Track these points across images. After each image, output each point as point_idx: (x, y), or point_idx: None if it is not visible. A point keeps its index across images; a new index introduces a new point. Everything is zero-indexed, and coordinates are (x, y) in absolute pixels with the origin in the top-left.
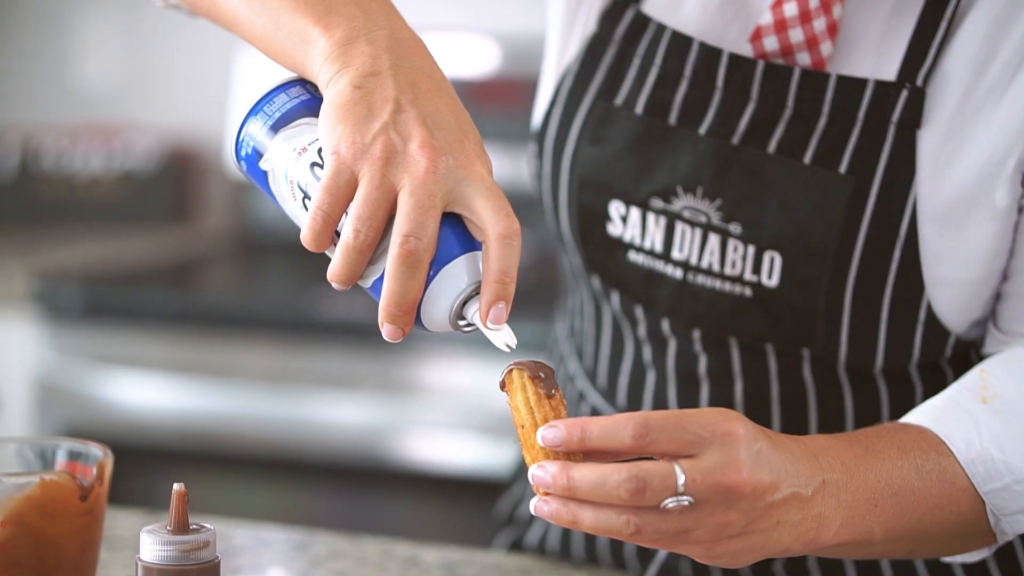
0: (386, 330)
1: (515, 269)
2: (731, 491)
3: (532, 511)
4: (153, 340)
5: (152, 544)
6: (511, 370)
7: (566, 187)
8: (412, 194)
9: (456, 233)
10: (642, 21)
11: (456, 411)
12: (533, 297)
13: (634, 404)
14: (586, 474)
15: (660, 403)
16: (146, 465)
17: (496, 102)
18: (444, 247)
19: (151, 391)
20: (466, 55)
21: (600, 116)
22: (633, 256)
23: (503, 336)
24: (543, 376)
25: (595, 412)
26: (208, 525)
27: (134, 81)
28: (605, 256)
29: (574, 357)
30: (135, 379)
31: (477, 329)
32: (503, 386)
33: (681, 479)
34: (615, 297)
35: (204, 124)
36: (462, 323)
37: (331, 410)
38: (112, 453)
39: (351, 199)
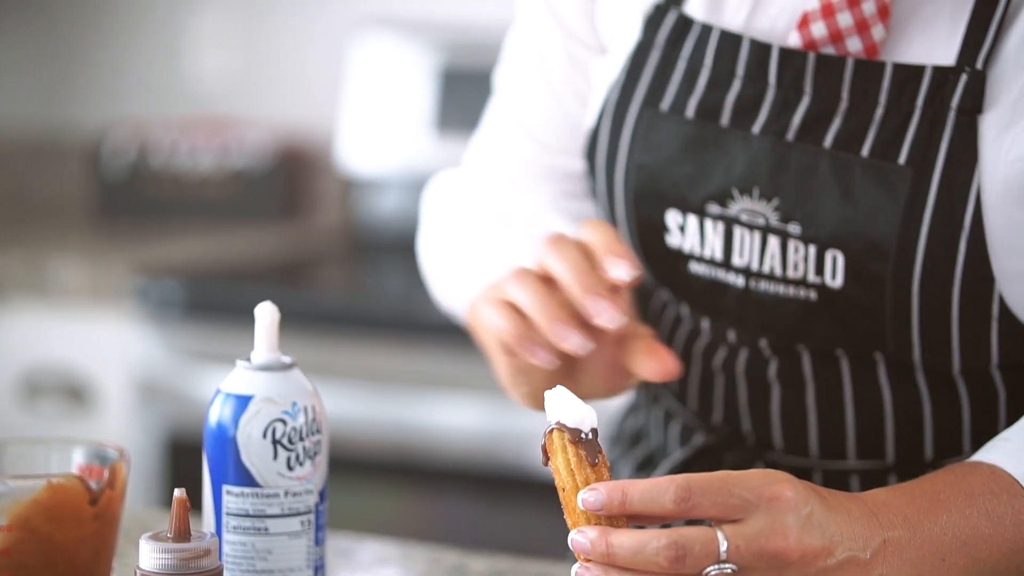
0: None
1: None
2: (777, 558)
3: None
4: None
5: (151, 552)
6: (551, 431)
7: (622, 202)
8: None
9: None
10: (685, 23)
11: None
12: None
13: (705, 407)
14: (625, 540)
15: (731, 406)
16: None
17: None
18: None
19: None
20: None
21: (648, 124)
22: (694, 267)
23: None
24: (585, 439)
25: (668, 415)
26: (209, 532)
27: (247, 76)
28: (667, 269)
29: None
30: None
31: None
32: (544, 451)
33: (724, 546)
34: (684, 308)
35: (316, 120)
36: None
37: (441, 413)
38: (129, 457)
39: None
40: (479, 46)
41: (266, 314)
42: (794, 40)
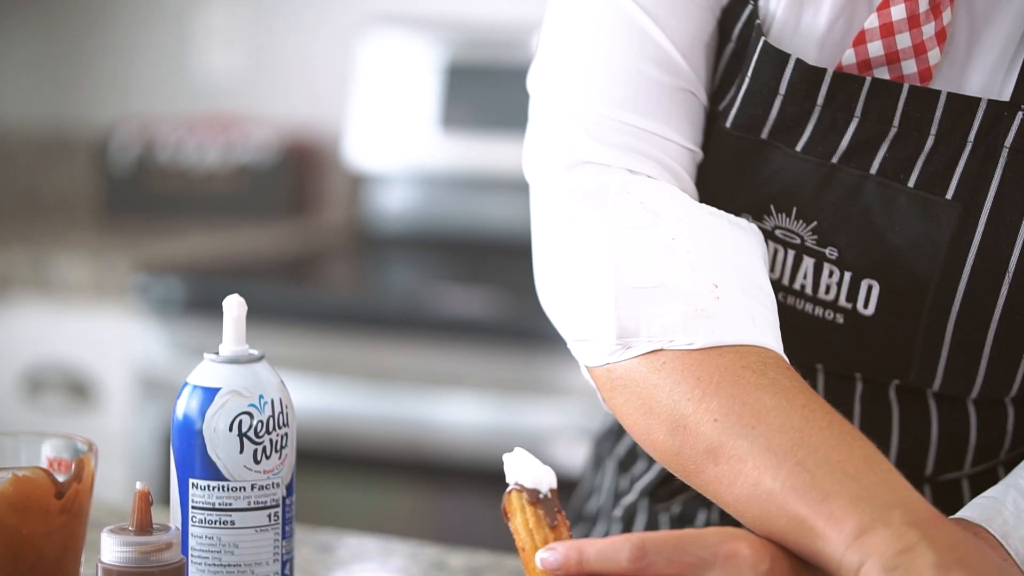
0: None
1: None
2: None
3: None
4: (264, 336)
5: (112, 545)
6: (511, 492)
7: None
8: None
9: None
10: (752, 21)
11: (580, 412)
12: None
13: None
14: None
15: None
16: None
17: None
18: None
19: None
20: None
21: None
22: None
23: None
24: (543, 499)
25: None
26: (172, 525)
27: (254, 73)
28: None
29: None
30: None
31: None
32: (504, 511)
33: None
34: None
35: (323, 117)
36: None
37: (447, 409)
38: (97, 450)
39: None
40: (485, 43)
41: (233, 306)
42: (849, 57)
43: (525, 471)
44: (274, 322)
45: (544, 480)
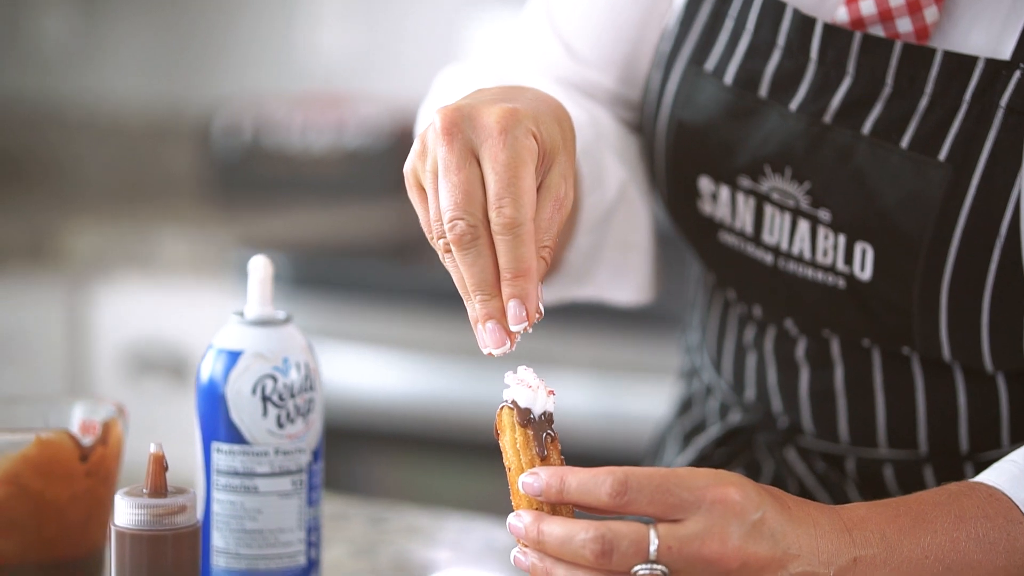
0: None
1: (521, 261)
2: (713, 564)
3: (512, 561)
4: (367, 315)
5: (125, 508)
6: (502, 408)
7: (662, 156)
8: None
9: None
10: None
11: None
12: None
13: (738, 383)
14: (555, 529)
15: (761, 384)
16: (354, 447)
17: None
18: None
19: (362, 369)
20: None
21: (692, 82)
22: (724, 236)
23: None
24: (533, 421)
25: (709, 389)
26: (189, 489)
27: (363, 53)
28: (698, 234)
29: (693, 328)
30: (345, 356)
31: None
32: (496, 428)
33: (654, 545)
34: (711, 276)
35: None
36: None
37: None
38: (127, 415)
39: None
40: None
41: (259, 268)
42: (842, 15)
43: (523, 390)
44: (379, 301)
45: (539, 403)
